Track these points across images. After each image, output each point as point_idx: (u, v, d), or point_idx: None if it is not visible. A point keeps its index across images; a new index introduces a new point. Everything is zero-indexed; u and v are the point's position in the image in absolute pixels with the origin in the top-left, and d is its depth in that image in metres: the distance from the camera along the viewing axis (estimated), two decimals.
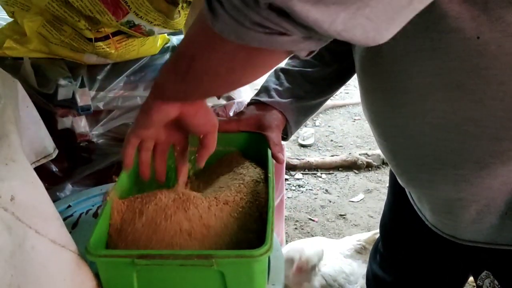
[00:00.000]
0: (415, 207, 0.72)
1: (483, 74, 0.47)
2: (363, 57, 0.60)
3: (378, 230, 1.35)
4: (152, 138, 0.62)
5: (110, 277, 0.52)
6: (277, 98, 0.77)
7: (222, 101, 1.21)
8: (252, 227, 0.59)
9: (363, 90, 0.64)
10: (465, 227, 0.59)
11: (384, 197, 0.97)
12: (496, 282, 0.60)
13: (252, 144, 0.71)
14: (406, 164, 0.62)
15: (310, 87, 0.78)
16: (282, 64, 0.81)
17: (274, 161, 0.70)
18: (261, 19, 0.35)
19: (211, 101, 1.23)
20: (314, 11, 0.32)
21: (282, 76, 0.79)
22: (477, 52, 0.46)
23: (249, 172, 0.67)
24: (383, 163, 2.38)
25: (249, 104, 0.79)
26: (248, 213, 0.60)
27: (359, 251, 1.42)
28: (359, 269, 1.38)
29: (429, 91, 0.51)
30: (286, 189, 2.20)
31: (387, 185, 0.94)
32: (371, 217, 1.99)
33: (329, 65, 0.78)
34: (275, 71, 0.79)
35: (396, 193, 0.86)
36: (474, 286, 1.56)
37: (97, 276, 0.54)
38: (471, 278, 1.59)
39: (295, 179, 2.29)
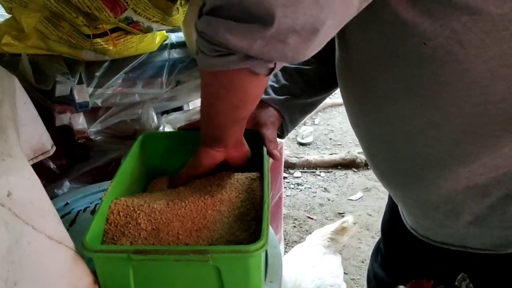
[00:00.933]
0: (399, 208, 0.72)
1: (439, 81, 0.47)
2: (339, 61, 0.61)
3: (346, 219, 1.34)
4: (201, 174, 0.69)
5: (107, 273, 0.52)
6: (273, 95, 0.77)
7: None
8: (249, 226, 0.59)
9: (342, 93, 0.65)
10: (435, 229, 0.60)
11: (383, 196, 0.97)
12: (471, 285, 0.60)
13: (248, 141, 0.71)
14: (382, 166, 0.64)
15: (306, 85, 0.78)
16: None
17: (270, 158, 0.70)
18: (209, 46, 0.45)
19: None
20: (232, 39, 0.42)
21: (278, 73, 0.79)
22: (429, 58, 0.46)
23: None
24: None
25: None
26: (244, 211, 0.60)
27: (328, 245, 1.39)
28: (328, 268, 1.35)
29: (395, 97, 0.52)
30: (285, 187, 2.20)
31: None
32: (370, 215, 1.99)
33: (325, 65, 0.77)
34: None
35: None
36: None
37: (94, 272, 0.54)
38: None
39: (294, 177, 2.29)
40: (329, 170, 2.35)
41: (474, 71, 0.44)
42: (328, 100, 1.39)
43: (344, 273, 1.67)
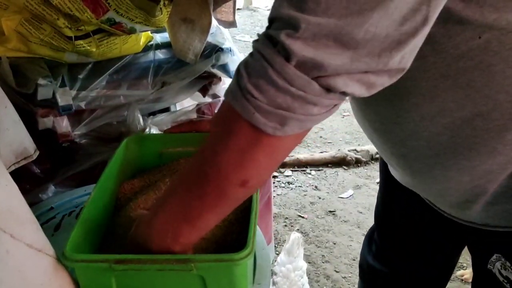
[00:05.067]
0: (427, 201, 0.73)
1: (490, 70, 0.48)
2: None
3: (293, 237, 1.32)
4: None
5: (89, 282, 0.51)
6: None
7: (208, 99, 1.20)
8: (235, 228, 0.58)
9: (363, 102, 0.64)
10: (481, 212, 0.61)
11: (374, 193, 0.97)
12: (508, 263, 0.62)
13: None
14: (418, 165, 0.63)
15: None
16: None
17: None
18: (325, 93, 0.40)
19: (197, 99, 1.22)
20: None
21: None
22: (480, 50, 0.47)
23: None
24: (372, 159, 2.38)
25: None
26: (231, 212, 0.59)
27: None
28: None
29: (436, 93, 0.53)
30: (276, 186, 2.19)
31: (376, 181, 0.95)
32: (361, 213, 1.99)
33: None
34: None
35: (389, 188, 0.88)
36: (462, 280, 1.58)
37: (76, 281, 0.53)
38: (459, 272, 1.62)
39: (284, 176, 2.29)
40: (320, 169, 2.35)
41: None
42: None
43: (335, 271, 1.67)
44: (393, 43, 0.38)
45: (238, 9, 5.18)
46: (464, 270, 1.61)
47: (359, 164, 2.36)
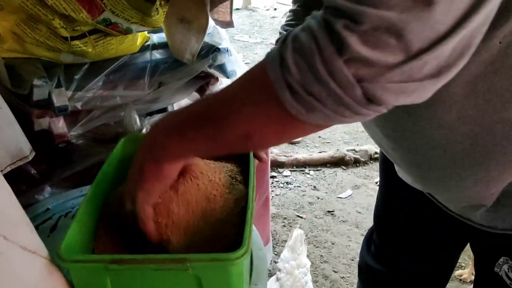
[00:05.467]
0: (435, 201, 0.72)
1: (509, 75, 0.47)
2: None
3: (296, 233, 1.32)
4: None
5: (83, 283, 0.51)
6: None
7: None
8: (231, 229, 0.58)
9: None
10: (492, 214, 0.60)
11: (372, 193, 0.97)
12: None
13: None
14: (432, 172, 0.62)
15: None
16: None
17: (256, 160, 0.69)
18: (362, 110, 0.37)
19: (194, 100, 1.21)
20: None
21: None
22: (501, 55, 0.46)
23: (228, 170, 0.66)
24: (371, 158, 2.38)
25: None
26: (226, 211, 0.59)
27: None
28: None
29: (455, 101, 0.51)
30: (274, 186, 2.19)
31: (375, 180, 0.94)
32: (359, 213, 1.99)
33: None
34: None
35: (389, 187, 0.87)
36: (461, 280, 1.58)
37: (70, 282, 0.52)
38: (458, 272, 1.62)
39: (283, 176, 2.28)
40: (318, 168, 2.34)
41: None
42: None
43: (334, 271, 1.67)
44: (462, 44, 0.35)
45: (237, 9, 5.18)
46: (463, 270, 1.61)
47: (357, 164, 2.36)
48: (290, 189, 2.18)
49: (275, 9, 5.30)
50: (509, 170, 0.54)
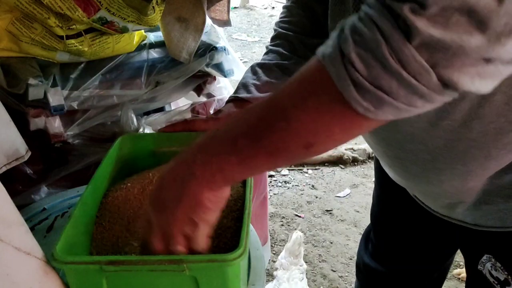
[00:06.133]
0: (418, 201, 0.72)
1: None
2: None
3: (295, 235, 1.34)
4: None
5: (79, 284, 0.50)
6: (255, 93, 0.75)
7: (203, 99, 1.20)
8: (228, 225, 0.58)
9: None
10: (474, 213, 0.61)
11: (371, 192, 0.97)
12: (498, 264, 0.61)
13: None
14: (414, 168, 0.62)
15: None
16: (258, 60, 0.80)
17: None
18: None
19: (191, 99, 1.21)
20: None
21: (259, 70, 0.77)
22: None
23: None
24: (369, 157, 2.38)
25: (227, 101, 0.77)
26: (224, 211, 0.58)
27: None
28: None
29: None
30: (272, 185, 2.18)
31: (373, 179, 0.94)
32: (358, 212, 1.99)
33: (305, 57, 0.77)
34: (252, 67, 0.78)
35: (384, 187, 0.88)
36: (459, 279, 1.58)
37: (66, 284, 0.52)
38: (456, 270, 1.62)
39: (281, 175, 2.28)
40: (316, 167, 2.34)
41: None
42: None
43: (332, 270, 1.67)
44: None
45: (235, 7, 5.17)
46: (461, 269, 1.61)
47: (356, 163, 2.36)
48: (288, 188, 2.18)
49: (273, 7, 5.29)
50: (484, 164, 0.55)
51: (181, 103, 1.20)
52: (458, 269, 1.61)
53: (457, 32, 0.31)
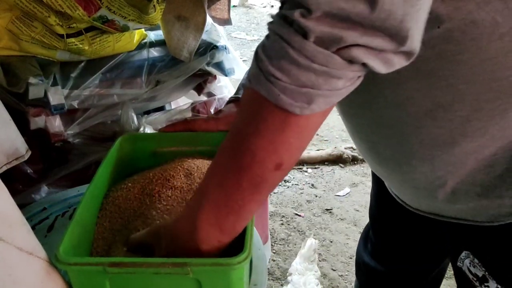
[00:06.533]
0: (393, 195, 0.73)
1: (452, 60, 0.48)
2: None
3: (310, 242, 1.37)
4: None
5: (82, 285, 0.50)
6: None
7: (203, 98, 1.19)
8: None
9: None
10: (445, 205, 0.61)
11: (370, 191, 0.97)
12: (476, 260, 0.61)
13: None
14: (385, 153, 0.63)
15: None
16: None
17: None
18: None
19: (192, 98, 1.21)
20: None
21: None
22: (443, 39, 0.47)
23: None
24: None
25: (228, 102, 0.77)
26: None
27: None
28: None
29: (400, 81, 0.52)
30: None
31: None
32: (357, 211, 1.99)
33: None
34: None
35: (380, 185, 0.88)
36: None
37: (69, 284, 0.52)
38: None
39: None
40: (316, 166, 2.34)
41: (487, 48, 0.46)
42: None
43: (332, 269, 1.67)
44: (411, 23, 0.37)
45: (234, 6, 5.16)
46: None
47: (355, 162, 2.36)
48: (288, 187, 2.18)
49: (272, 6, 5.29)
50: (450, 151, 0.55)
51: (181, 102, 1.20)
52: None
53: (340, 27, 0.37)
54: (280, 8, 0.41)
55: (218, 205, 0.47)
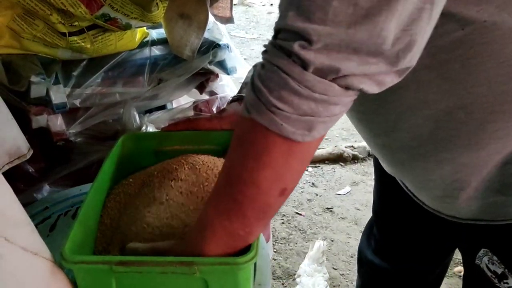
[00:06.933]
0: (410, 194, 0.73)
1: (471, 63, 0.49)
2: None
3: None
4: None
5: (88, 285, 0.50)
6: None
7: (205, 96, 1.19)
8: None
9: None
10: (464, 206, 0.61)
11: (371, 189, 0.97)
12: (495, 257, 0.62)
13: None
14: (401, 156, 0.64)
15: None
16: (258, 57, 0.79)
17: None
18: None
19: (194, 97, 1.20)
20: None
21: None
22: (461, 42, 0.48)
23: None
24: (369, 155, 2.38)
25: (231, 101, 0.77)
26: None
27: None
28: None
29: (419, 85, 0.53)
30: None
31: (373, 177, 0.94)
32: (358, 209, 1.99)
33: None
34: (255, 66, 0.77)
35: (383, 182, 0.88)
36: (460, 277, 1.58)
37: (74, 283, 0.51)
38: (457, 268, 1.62)
39: None
40: (317, 165, 2.34)
41: (506, 50, 0.47)
42: None
43: (334, 268, 1.67)
44: (404, 45, 0.39)
45: (234, 4, 5.15)
46: (462, 266, 1.61)
47: (356, 161, 2.36)
48: None
49: (271, 4, 5.28)
50: (465, 153, 0.56)
51: (183, 101, 1.19)
52: (459, 267, 1.61)
53: (340, 58, 0.38)
54: (274, 37, 0.42)
55: (222, 237, 0.47)
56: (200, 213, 0.51)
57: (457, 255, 0.91)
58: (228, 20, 1.07)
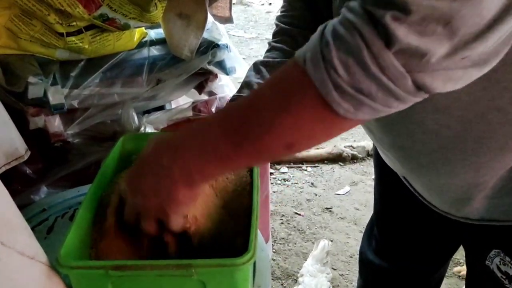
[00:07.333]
0: (417, 195, 0.71)
1: (507, 62, 0.46)
2: None
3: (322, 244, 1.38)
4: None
5: None
6: None
7: (204, 97, 1.18)
8: (230, 225, 0.57)
9: None
10: (478, 207, 0.60)
11: (370, 189, 0.97)
12: (507, 258, 0.61)
13: None
14: (422, 159, 0.61)
15: None
16: (260, 58, 0.79)
17: None
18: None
19: (193, 97, 1.20)
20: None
21: (263, 69, 0.76)
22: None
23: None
24: (368, 155, 2.37)
25: (231, 100, 0.76)
26: (231, 211, 0.57)
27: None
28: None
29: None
30: (272, 183, 2.18)
31: (373, 177, 0.94)
32: (357, 209, 1.98)
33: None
34: (255, 65, 0.77)
35: (384, 182, 0.88)
36: (460, 277, 1.58)
37: (71, 287, 0.51)
38: (456, 268, 1.62)
39: (280, 173, 2.27)
40: (316, 165, 2.33)
41: None
42: None
43: (333, 268, 1.66)
44: (497, 26, 0.34)
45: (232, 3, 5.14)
46: (461, 266, 1.61)
47: (355, 160, 2.35)
48: (288, 186, 2.17)
49: (270, 3, 5.27)
50: (498, 157, 0.54)
51: (182, 102, 1.18)
52: (459, 267, 1.61)
53: (432, 40, 0.34)
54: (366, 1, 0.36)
55: (208, 151, 0.45)
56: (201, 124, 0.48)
57: (457, 255, 0.91)
58: (227, 20, 1.06)
